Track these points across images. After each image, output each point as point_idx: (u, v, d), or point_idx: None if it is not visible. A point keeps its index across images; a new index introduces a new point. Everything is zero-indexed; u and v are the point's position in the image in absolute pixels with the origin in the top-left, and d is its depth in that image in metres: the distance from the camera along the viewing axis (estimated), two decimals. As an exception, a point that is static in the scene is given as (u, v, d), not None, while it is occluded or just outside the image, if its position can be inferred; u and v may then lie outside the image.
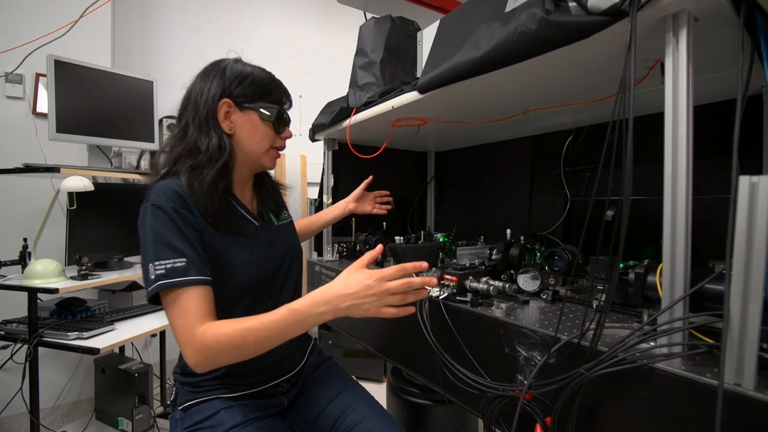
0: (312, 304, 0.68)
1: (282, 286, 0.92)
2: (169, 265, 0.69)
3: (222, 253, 0.79)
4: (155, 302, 0.72)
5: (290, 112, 0.94)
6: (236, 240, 0.83)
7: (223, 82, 0.82)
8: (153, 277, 0.69)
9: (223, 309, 0.76)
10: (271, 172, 1.05)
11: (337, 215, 1.32)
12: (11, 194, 1.98)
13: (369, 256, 0.72)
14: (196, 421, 0.82)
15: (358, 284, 0.67)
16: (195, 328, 0.68)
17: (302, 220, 1.33)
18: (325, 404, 0.93)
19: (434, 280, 0.73)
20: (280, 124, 0.88)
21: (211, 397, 0.84)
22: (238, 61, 0.88)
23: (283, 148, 0.92)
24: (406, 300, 0.70)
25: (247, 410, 0.84)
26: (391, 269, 0.69)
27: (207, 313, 0.71)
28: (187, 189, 0.76)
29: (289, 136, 0.92)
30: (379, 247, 0.76)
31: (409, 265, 0.70)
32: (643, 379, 0.54)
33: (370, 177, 1.35)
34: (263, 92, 0.85)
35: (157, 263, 0.70)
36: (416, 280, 0.70)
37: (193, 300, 0.70)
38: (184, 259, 0.71)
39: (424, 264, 0.73)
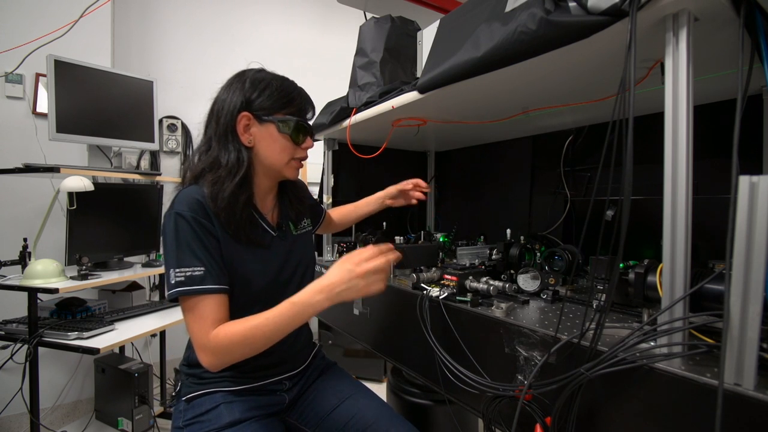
0: (310, 295, 0.76)
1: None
2: (188, 273, 0.75)
3: (237, 262, 0.82)
4: (175, 302, 0.78)
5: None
6: (252, 250, 0.85)
7: (243, 94, 0.82)
8: (173, 282, 0.75)
9: (236, 313, 0.79)
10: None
11: (374, 209, 1.32)
12: (11, 194, 1.98)
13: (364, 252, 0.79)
14: (197, 413, 0.84)
15: (342, 271, 0.76)
16: (209, 332, 0.74)
17: (337, 209, 1.33)
18: (338, 403, 0.95)
19: (399, 255, 0.83)
20: (299, 135, 0.86)
21: (214, 390, 0.86)
22: (261, 71, 0.87)
23: (304, 158, 0.91)
24: (386, 275, 0.79)
25: (246, 407, 0.85)
26: (366, 251, 0.77)
27: (221, 319, 0.76)
28: (210, 201, 0.79)
29: (311, 146, 0.91)
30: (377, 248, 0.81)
31: (384, 246, 0.80)
32: (643, 379, 0.54)
33: (416, 180, 1.30)
34: (282, 104, 0.84)
35: (177, 270, 0.75)
36: (390, 256, 0.79)
37: (209, 307, 0.75)
38: (202, 268, 0.76)
39: (390, 245, 0.83)
